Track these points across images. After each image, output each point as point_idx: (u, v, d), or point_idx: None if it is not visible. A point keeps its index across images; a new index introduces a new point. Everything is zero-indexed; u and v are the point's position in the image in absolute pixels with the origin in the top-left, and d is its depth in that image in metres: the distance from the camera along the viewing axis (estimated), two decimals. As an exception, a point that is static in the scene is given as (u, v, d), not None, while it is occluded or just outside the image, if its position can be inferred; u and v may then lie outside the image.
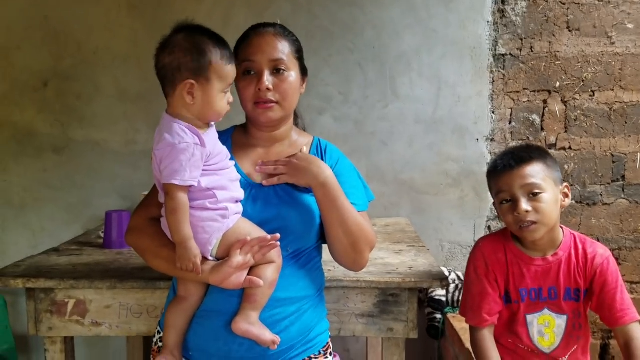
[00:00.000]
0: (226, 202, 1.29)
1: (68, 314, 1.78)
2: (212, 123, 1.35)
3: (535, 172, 1.53)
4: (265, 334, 1.29)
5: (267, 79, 1.38)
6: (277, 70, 1.40)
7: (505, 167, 1.55)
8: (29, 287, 1.75)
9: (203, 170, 1.26)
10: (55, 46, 2.78)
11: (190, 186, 1.24)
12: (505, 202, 1.55)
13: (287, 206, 1.39)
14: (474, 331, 1.63)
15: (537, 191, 1.51)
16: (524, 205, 1.51)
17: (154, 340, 1.45)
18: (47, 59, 2.79)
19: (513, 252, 1.61)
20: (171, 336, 1.34)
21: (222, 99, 1.30)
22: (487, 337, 1.61)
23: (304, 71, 1.49)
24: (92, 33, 2.77)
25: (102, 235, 2.22)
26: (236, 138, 1.51)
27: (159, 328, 1.44)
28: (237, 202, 1.33)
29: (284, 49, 1.41)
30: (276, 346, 1.30)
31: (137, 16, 2.74)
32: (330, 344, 1.50)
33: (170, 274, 1.38)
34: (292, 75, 1.42)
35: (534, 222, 1.51)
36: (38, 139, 2.82)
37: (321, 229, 1.43)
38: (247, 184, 1.40)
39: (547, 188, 1.52)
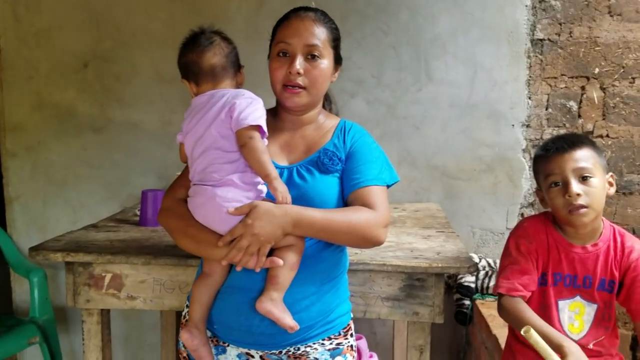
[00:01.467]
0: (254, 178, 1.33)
1: (105, 287, 1.85)
2: None
3: (587, 157, 1.53)
4: (286, 318, 1.32)
5: (299, 63, 1.39)
6: (311, 56, 1.41)
7: (557, 150, 1.55)
8: (68, 260, 1.83)
9: None
10: (95, 28, 2.85)
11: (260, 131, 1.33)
12: (555, 185, 1.55)
13: (307, 187, 1.40)
14: (504, 301, 1.59)
15: (587, 175, 1.51)
16: (575, 187, 1.50)
17: (183, 313, 1.51)
18: (88, 41, 2.86)
19: (554, 237, 1.61)
20: (196, 310, 1.39)
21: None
22: (520, 302, 1.57)
23: (338, 60, 1.49)
24: (131, 16, 2.83)
25: (138, 213, 2.29)
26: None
27: (187, 302, 1.49)
28: (262, 183, 1.36)
29: (320, 35, 1.42)
30: (294, 332, 1.33)
31: (175, 0, 2.79)
32: (352, 325, 1.52)
33: (196, 254, 1.42)
34: (325, 62, 1.43)
35: (584, 206, 1.50)
36: (78, 118, 2.91)
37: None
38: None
39: (596, 173, 1.53)
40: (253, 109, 1.32)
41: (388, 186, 1.47)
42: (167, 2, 2.79)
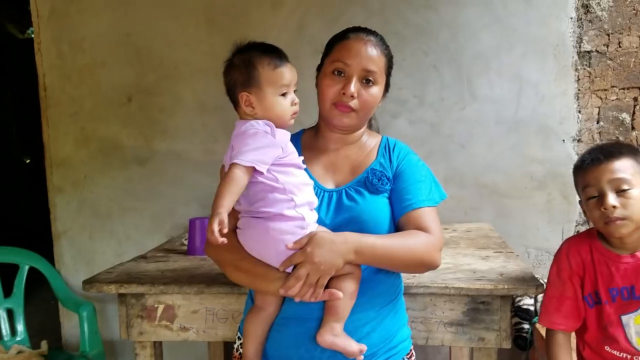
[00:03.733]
0: (303, 206, 1.28)
1: (157, 319, 1.82)
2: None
3: (625, 167, 1.46)
4: (352, 345, 1.26)
5: (354, 86, 1.36)
6: (366, 81, 1.38)
7: (593, 162, 1.49)
8: (121, 292, 1.81)
9: (278, 165, 1.27)
10: (138, 62, 2.90)
11: (253, 171, 1.23)
12: (592, 198, 1.49)
13: (359, 209, 1.36)
14: (547, 334, 1.59)
15: (625, 187, 1.44)
16: (611, 200, 1.43)
17: (235, 346, 1.46)
18: (131, 75, 2.91)
19: (600, 251, 1.54)
20: (250, 346, 1.34)
21: (281, 101, 1.31)
22: (561, 341, 1.57)
23: (387, 87, 1.47)
24: (173, 49, 2.87)
25: (186, 242, 2.27)
26: (305, 141, 1.50)
27: (239, 334, 1.44)
28: (312, 209, 1.32)
29: (379, 62, 1.39)
30: (362, 356, 1.27)
31: (215, 31, 2.82)
32: (414, 352, 1.46)
33: (251, 287, 1.38)
34: (377, 89, 1.40)
35: (620, 218, 1.43)
36: (123, 151, 2.95)
37: (396, 230, 1.40)
38: (319, 190, 1.39)
39: (636, 184, 1.45)
40: (238, 146, 1.26)
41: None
42: (206, 34, 2.83)
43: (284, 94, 1.31)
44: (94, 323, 2.76)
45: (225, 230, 1.18)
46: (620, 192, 1.45)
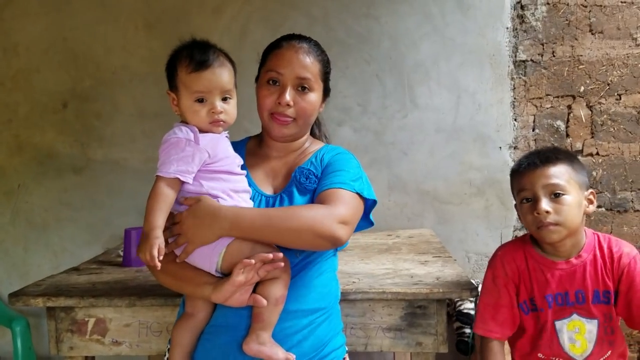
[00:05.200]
0: None
1: (88, 333, 1.75)
2: (223, 132, 1.34)
3: (560, 173, 1.49)
4: (278, 353, 1.24)
5: (289, 95, 1.36)
6: (301, 88, 1.38)
7: (529, 166, 1.52)
8: (49, 305, 1.73)
9: (206, 172, 1.26)
10: (74, 67, 2.81)
11: (178, 181, 1.22)
12: (526, 201, 1.51)
13: None
14: (483, 342, 1.60)
15: (559, 192, 1.47)
16: (544, 205, 1.46)
17: (165, 358, 1.42)
18: (67, 80, 2.82)
19: (534, 258, 1.56)
20: (177, 354, 1.31)
21: (196, 107, 1.27)
22: (495, 349, 1.58)
23: (326, 91, 1.47)
24: (110, 53, 2.80)
25: (122, 253, 2.19)
26: (250, 148, 1.50)
27: (168, 345, 1.40)
28: None
29: (313, 69, 1.39)
30: None
31: (154, 35, 2.77)
32: (348, 359, 1.45)
33: (177, 291, 1.35)
34: (314, 95, 1.40)
35: (553, 224, 1.46)
36: (58, 159, 2.84)
37: None
38: (257, 194, 1.38)
39: (570, 190, 1.48)
40: (160, 156, 1.26)
41: (364, 199, 1.36)
42: (145, 38, 2.77)
43: (200, 100, 1.27)
44: (28, 339, 2.66)
45: (162, 253, 1.18)
46: (553, 198, 1.47)
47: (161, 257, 1.18)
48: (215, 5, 2.75)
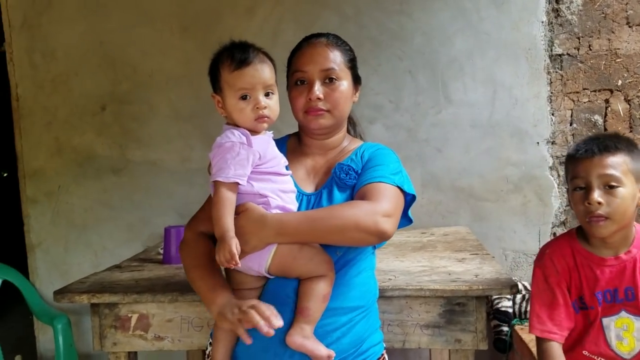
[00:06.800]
0: (274, 210, 1.28)
1: (131, 329, 1.79)
2: (268, 132, 1.36)
3: (617, 164, 1.41)
4: (320, 349, 1.25)
5: (318, 89, 1.37)
6: (329, 80, 1.39)
7: (586, 152, 1.44)
8: (93, 302, 1.77)
9: (256, 173, 1.27)
10: (111, 71, 2.87)
11: (237, 184, 1.24)
12: (579, 190, 1.45)
13: None
14: (541, 343, 1.53)
15: (614, 184, 1.40)
16: (597, 195, 1.40)
17: (207, 352, 1.44)
18: (105, 84, 2.88)
19: (582, 254, 1.51)
20: (219, 350, 1.33)
21: (240, 105, 1.29)
22: (557, 352, 1.50)
23: (356, 80, 1.47)
24: (147, 56, 2.85)
25: (162, 251, 2.24)
26: (291, 145, 1.51)
27: (210, 340, 1.42)
28: None
29: (335, 59, 1.39)
30: None
31: (189, 37, 2.81)
32: (386, 356, 1.45)
33: (199, 294, 1.36)
34: (344, 84, 1.40)
35: (603, 217, 1.40)
36: (97, 161, 2.91)
37: None
38: (298, 194, 1.39)
39: (626, 183, 1.41)
40: (215, 160, 1.27)
41: (405, 193, 1.36)
42: (181, 40, 2.81)
43: (244, 97, 1.29)
44: (69, 336, 2.72)
45: (239, 253, 1.20)
46: (607, 189, 1.40)
47: (238, 255, 1.20)
48: (248, 7, 2.78)
